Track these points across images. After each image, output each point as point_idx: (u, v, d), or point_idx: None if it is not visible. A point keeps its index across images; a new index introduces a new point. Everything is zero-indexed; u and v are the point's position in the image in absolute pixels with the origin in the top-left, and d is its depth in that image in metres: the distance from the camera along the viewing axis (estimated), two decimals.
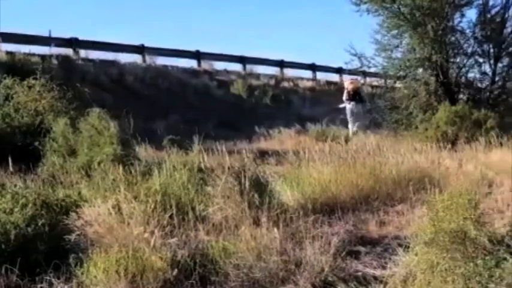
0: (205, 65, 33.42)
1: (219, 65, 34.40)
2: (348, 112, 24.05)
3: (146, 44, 30.52)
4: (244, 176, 7.97)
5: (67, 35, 27.60)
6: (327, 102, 32.68)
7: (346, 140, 15.75)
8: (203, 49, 33.68)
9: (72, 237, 6.43)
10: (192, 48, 33.49)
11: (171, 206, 7.27)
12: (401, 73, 23.14)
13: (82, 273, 5.73)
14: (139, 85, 27.40)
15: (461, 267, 4.59)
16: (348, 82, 25.37)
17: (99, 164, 9.68)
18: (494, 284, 4.39)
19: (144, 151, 11.91)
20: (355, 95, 24.17)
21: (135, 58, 30.14)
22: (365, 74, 29.20)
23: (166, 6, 73.65)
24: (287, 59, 37.78)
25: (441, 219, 5.04)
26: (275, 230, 6.27)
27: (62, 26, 57.23)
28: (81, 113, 11.96)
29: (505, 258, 4.61)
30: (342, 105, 25.00)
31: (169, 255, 5.81)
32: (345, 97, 24.46)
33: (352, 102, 24.04)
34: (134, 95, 25.56)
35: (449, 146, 16.08)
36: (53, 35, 26.94)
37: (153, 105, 24.79)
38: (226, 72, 34.20)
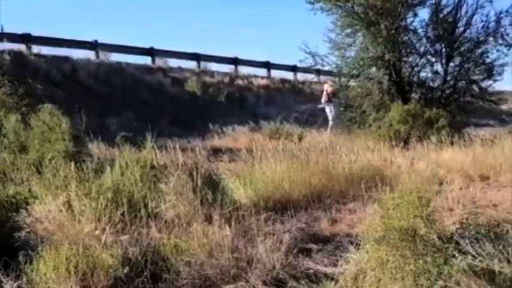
0: (160, 61, 33.29)
1: (173, 62, 34.30)
2: (328, 113, 24.33)
3: (100, 40, 30.27)
4: (197, 173, 7.95)
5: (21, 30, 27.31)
6: (281, 100, 32.81)
7: (300, 138, 15.81)
8: (157, 46, 33.55)
9: (22, 234, 6.35)
10: (146, 45, 33.32)
11: (123, 203, 7.22)
12: (355, 72, 23.30)
13: (32, 271, 5.64)
14: (93, 81, 27.22)
15: (411, 264, 4.62)
16: (327, 85, 25.63)
17: (50, 160, 9.55)
18: (443, 281, 4.43)
19: (96, 148, 11.80)
20: (334, 97, 24.44)
21: (89, 54, 29.84)
22: (319, 73, 29.34)
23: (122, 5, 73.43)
24: (241, 56, 37.80)
25: (391, 217, 5.07)
26: (227, 227, 6.26)
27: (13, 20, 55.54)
28: (32, 109, 11.81)
29: (453, 256, 4.65)
30: (320, 106, 25.20)
31: (121, 253, 5.76)
32: (324, 99, 24.70)
33: (331, 104, 24.28)
34: (87, 92, 25.36)
35: (402, 144, 16.27)
36: (6, 30, 26.67)
37: (106, 101, 24.68)
38: (181, 69, 34.13)
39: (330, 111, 24.58)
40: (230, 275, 5.48)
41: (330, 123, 24.38)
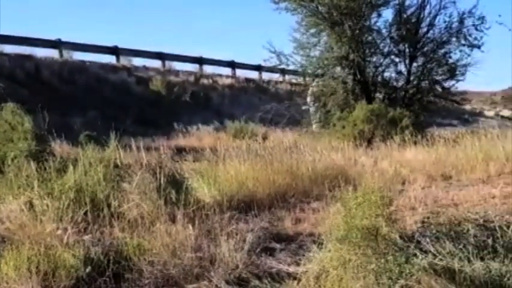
0: (124, 60, 33.09)
1: (138, 61, 34.13)
2: (313, 114, 24.41)
3: (63, 39, 30.02)
4: (161, 173, 7.93)
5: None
6: (246, 100, 32.81)
7: (264, 138, 15.83)
8: (121, 45, 33.38)
9: None
10: (110, 44, 33.13)
11: (85, 203, 7.21)
12: (320, 71, 23.42)
13: None
14: (56, 80, 26.98)
15: (373, 263, 4.65)
16: (315, 86, 25.64)
17: (12, 160, 9.47)
18: (404, 279, 4.46)
19: (59, 147, 11.71)
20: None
21: (52, 53, 29.57)
22: (284, 72, 29.38)
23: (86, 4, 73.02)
24: (206, 56, 37.72)
25: (354, 216, 5.10)
26: (190, 226, 6.26)
27: None
28: None
29: (415, 255, 4.69)
30: (305, 107, 25.24)
31: (83, 253, 5.72)
32: (309, 99, 24.76)
33: (316, 105, 24.35)
34: (51, 90, 25.13)
35: (366, 143, 16.34)
36: None
37: (70, 100, 24.46)
38: (145, 68, 33.98)
39: (314, 112, 24.60)
40: (193, 274, 5.47)
41: (314, 125, 24.38)
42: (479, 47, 23.40)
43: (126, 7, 78.88)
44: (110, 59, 33.03)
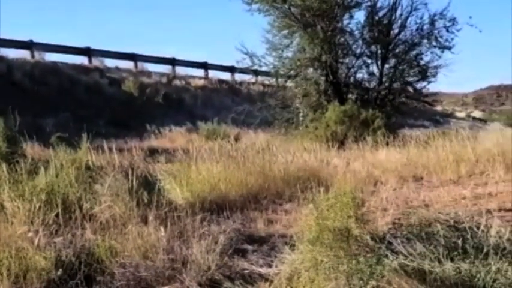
0: (96, 62, 32.95)
1: (110, 62, 34.02)
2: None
3: (35, 40, 29.85)
4: (133, 174, 7.90)
5: None
6: (218, 101, 32.82)
7: (236, 139, 15.83)
8: (94, 46, 33.24)
9: None
10: (82, 45, 32.98)
11: (57, 205, 7.15)
12: (292, 72, 23.50)
13: None
14: (28, 81, 26.82)
15: (344, 264, 4.66)
16: None
17: None
18: (375, 280, 4.48)
19: (31, 149, 11.64)
20: None
21: (24, 54, 29.37)
22: (256, 73, 29.40)
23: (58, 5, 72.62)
24: (179, 57, 37.70)
25: (326, 217, 5.12)
26: (162, 228, 6.25)
27: None
28: None
29: (386, 256, 4.71)
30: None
31: (54, 255, 5.68)
32: (298, 101, 24.82)
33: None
34: (22, 92, 24.98)
35: (338, 145, 16.39)
36: None
37: (42, 102, 24.36)
38: (118, 69, 33.88)
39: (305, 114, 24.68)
40: (165, 276, 5.46)
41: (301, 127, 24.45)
42: (450, 49, 23.60)
43: (99, 8, 78.55)
44: (82, 60, 32.94)
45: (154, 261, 5.67)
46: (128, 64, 35.29)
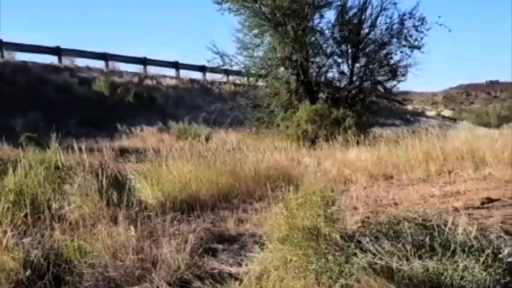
0: (67, 61, 32.75)
1: (81, 62, 33.84)
2: None
3: (4, 39, 29.64)
4: (103, 174, 7.88)
5: None
6: (190, 101, 32.76)
7: (207, 138, 15.82)
8: (64, 45, 33.02)
9: None
10: (52, 44, 32.77)
11: (26, 205, 7.12)
12: (263, 72, 23.56)
13: None
14: None
15: (313, 263, 4.67)
16: None
17: None
18: (344, 279, 4.50)
19: None
20: None
21: None
22: (227, 73, 29.43)
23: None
24: (150, 56, 37.60)
25: (295, 216, 5.13)
26: (132, 228, 6.22)
27: None
28: None
29: (355, 254, 4.73)
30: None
31: (22, 256, 5.64)
32: None
33: None
34: None
35: (309, 144, 16.44)
36: None
37: (11, 101, 24.15)
38: (88, 69, 33.71)
39: None
40: (134, 276, 5.44)
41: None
42: (419, 48, 23.79)
43: (69, 8, 78.11)
44: (52, 59, 32.72)
45: (124, 261, 5.64)
46: (98, 64, 35.17)
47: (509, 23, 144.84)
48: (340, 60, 24.27)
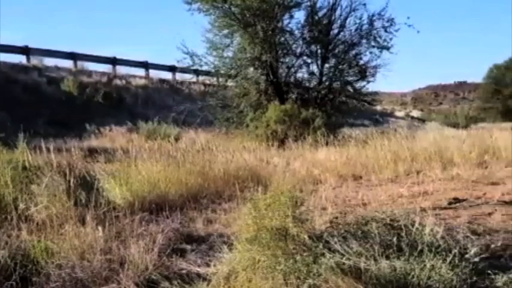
0: (35, 60, 32.50)
1: (49, 61, 33.58)
2: None
3: None
4: (72, 174, 7.83)
5: None
6: (159, 101, 32.67)
7: (177, 139, 15.78)
8: (32, 45, 32.78)
9: None
10: (21, 43, 32.51)
11: None
12: (233, 72, 23.58)
13: None
14: None
15: (282, 263, 4.68)
16: None
17: None
18: (312, 279, 4.51)
19: None
20: None
21: None
22: (197, 73, 29.40)
23: None
24: (120, 56, 37.46)
25: (263, 216, 5.13)
26: (100, 228, 6.19)
27: None
28: None
29: (323, 254, 4.74)
30: None
31: None
32: None
33: None
34: None
35: (278, 144, 16.44)
36: None
37: None
38: (57, 68, 33.47)
39: None
40: (102, 277, 5.40)
41: None
42: (388, 49, 23.94)
43: (38, 7, 77.62)
44: (20, 58, 32.47)
45: (91, 262, 5.61)
46: (67, 63, 34.95)
47: (478, 24, 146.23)
48: (309, 60, 24.42)
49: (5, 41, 38.41)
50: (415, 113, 66.80)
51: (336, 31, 24.06)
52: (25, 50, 32.44)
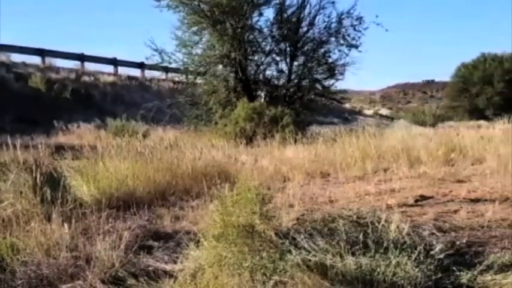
0: (2, 56, 32.24)
1: (17, 57, 33.33)
2: None
3: None
4: (38, 171, 7.78)
5: None
6: (128, 98, 32.55)
7: (145, 135, 15.74)
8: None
9: None
10: None
11: None
12: (202, 69, 23.58)
13: None
14: None
15: (248, 260, 4.69)
16: None
17: None
18: (278, 276, 4.52)
19: None
20: None
21: None
22: (166, 70, 29.34)
23: None
24: (88, 53, 37.26)
25: (230, 213, 5.13)
26: (66, 225, 6.16)
27: None
28: None
29: (289, 251, 4.76)
30: None
31: None
32: None
33: None
34: None
35: (247, 141, 16.46)
36: None
37: None
38: (25, 65, 33.22)
39: None
40: (68, 273, 5.37)
41: None
42: (357, 47, 24.08)
43: (6, 3, 76.97)
44: None
45: (57, 259, 5.58)
46: (35, 59, 34.70)
47: (447, 23, 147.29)
48: (278, 58, 24.49)
49: None
50: (384, 111, 67.22)
51: (305, 29, 24.17)
52: None
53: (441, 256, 4.92)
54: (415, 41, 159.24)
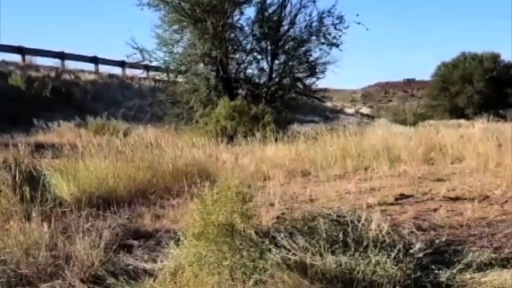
0: None
1: None
2: None
3: None
4: (17, 170, 7.75)
5: None
6: (109, 96, 32.45)
7: (125, 134, 15.70)
8: None
9: None
10: None
11: None
12: (183, 68, 23.56)
13: None
14: None
15: (228, 259, 4.68)
16: None
17: None
18: (258, 274, 4.52)
19: None
20: None
21: None
22: (147, 68, 29.29)
23: None
24: (68, 51, 37.10)
25: (210, 212, 5.12)
26: (45, 224, 6.13)
27: None
28: None
29: (269, 250, 4.76)
30: None
31: None
32: None
33: None
34: None
35: (228, 140, 16.46)
36: None
37: None
38: (4, 63, 33.07)
39: None
40: (47, 273, 5.35)
41: None
42: (338, 46, 24.14)
43: None
44: None
45: (36, 258, 5.56)
46: (15, 57, 34.52)
47: (428, 22, 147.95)
48: (259, 57, 24.49)
49: None
50: (365, 110, 67.46)
51: (286, 28, 24.18)
52: None
53: (420, 255, 4.94)
54: (396, 40, 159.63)
